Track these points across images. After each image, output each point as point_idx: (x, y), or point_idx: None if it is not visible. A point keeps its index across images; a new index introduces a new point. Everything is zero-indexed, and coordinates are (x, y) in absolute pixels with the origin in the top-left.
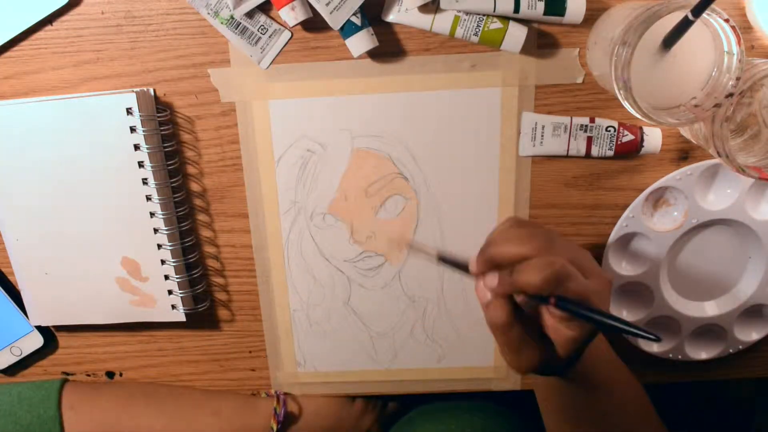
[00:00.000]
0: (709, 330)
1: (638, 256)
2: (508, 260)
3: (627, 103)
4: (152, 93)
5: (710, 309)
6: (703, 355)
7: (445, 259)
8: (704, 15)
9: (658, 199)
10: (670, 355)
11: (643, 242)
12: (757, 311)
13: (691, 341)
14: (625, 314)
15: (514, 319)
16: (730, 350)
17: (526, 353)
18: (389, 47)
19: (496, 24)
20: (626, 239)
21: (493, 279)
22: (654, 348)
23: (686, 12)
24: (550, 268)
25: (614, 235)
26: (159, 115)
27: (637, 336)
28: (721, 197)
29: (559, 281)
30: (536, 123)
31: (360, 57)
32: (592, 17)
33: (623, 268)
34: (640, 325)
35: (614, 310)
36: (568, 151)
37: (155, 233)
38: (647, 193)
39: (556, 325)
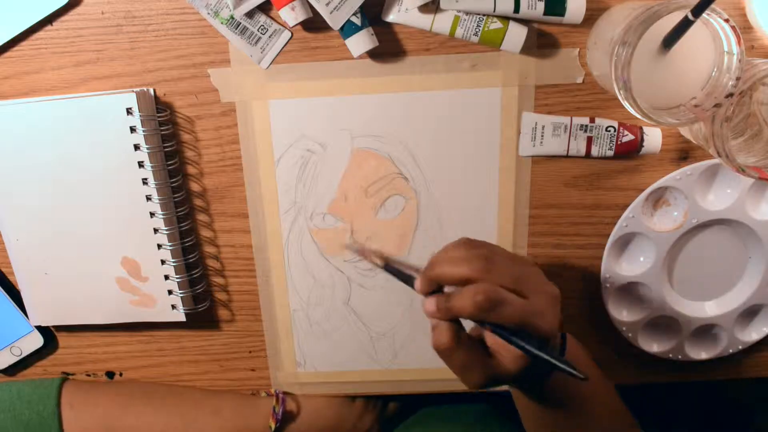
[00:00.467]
0: (709, 330)
1: (638, 256)
2: (448, 281)
3: (627, 103)
4: (152, 93)
5: (710, 309)
6: (703, 354)
7: (391, 269)
8: (704, 15)
9: (658, 199)
10: (670, 355)
11: (643, 242)
12: (757, 311)
13: (692, 341)
14: (625, 314)
15: (457, 343)
16: (730, 350)
17: (472, 373)
18: (389, 47)
19: (496, 24)
20: (626, 239)
21: (430, 304)
22: (654, 348)
23: (686, 12)
24: (482, 294)
25: (614, 235)
26: (159, 115)
27: (562, 371)
28: (721, 197)
29: (492, 307)
30: (536, 123)
31: (360, 57)
32: (592, 17)
33: (623, 268)
34: (555, 359)
35: (615, 311)
36: (568, 151)
37: (155, 233)
38: (647, 193)
39: (498, 343)
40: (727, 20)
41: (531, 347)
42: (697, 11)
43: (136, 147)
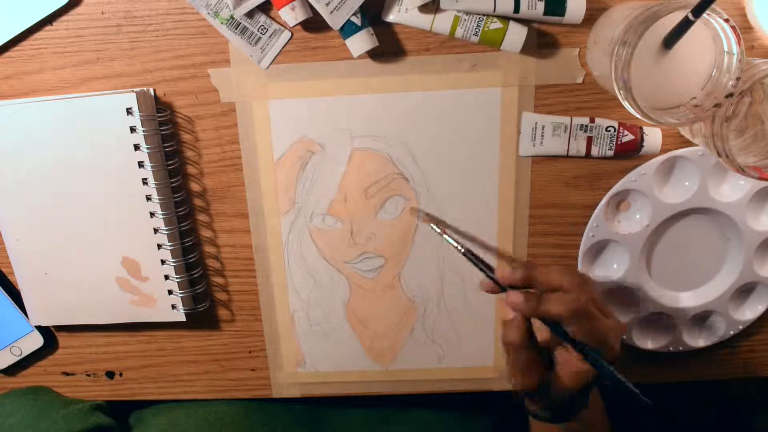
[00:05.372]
0: (705, 317)
1: (614, 262)
2: (543, 285)
3: (627, 103)
4: (152, 93)
5: (701, 296)
6: (701, 342)
7: (471, 254)
8: (704, 15)
9: (619, 204)
10: (670, 348)
11: (615, 248)
12: (749, 290)
13: (689, 331)
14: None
15: (527, 342)
16: (731, 332)
17: (529, 376)
18: (389, 47)
19: (496, 24)
20: (598, 248)
21: (518, 297)
22: (648, 345)
23: (686, 12)
24: (576, 303)
25: (583, 246)
26: (159, 115)
27: (629, 395)
28: (680, 190)
29: (581, 317)
30: (536, 123)
31: (360, 57)
32: (592, 17)
33: (600, 276)
34: (627, 382)
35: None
36: (568, 151)
37: (155, 233)
38: (605, 200)
39: (567, 358)
40: (727, 20)
41: (606, 366)
42: (698, 12)
43: (136, 147)
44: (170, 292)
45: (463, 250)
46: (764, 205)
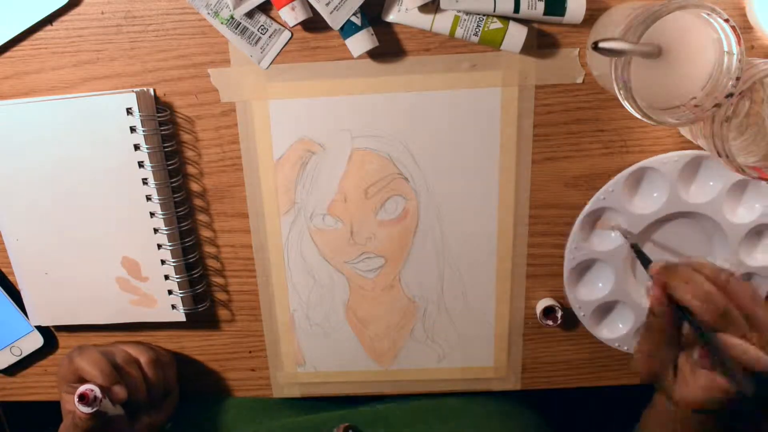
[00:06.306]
0: None
1: (599, 280)
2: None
3: (627, 103)
4: (152, 93)
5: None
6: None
7: (637, 249)
8: (704, 15)
9: (594, 221)
10: None
11: (600, 265)
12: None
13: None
14: (605, 332)
15: (670, 325)
16: None
17: (652, 360)
18: (389, 47)
19: (496, 24)
20: (583, 267)
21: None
22: None
23: (686, 12)
24: (713, 297)
25: (567, 269)
26: (159, 115)
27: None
28: (649, 200)
29: (721, 315)
30: None
31: (360, 57)
32: (592, 17)
33: (588, 294)
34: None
35: (596, 330)
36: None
37: (155, 233)
38: (579, 223)
39: (704, 371)
40: (727, 20)
41: (748, 382)
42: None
43: (136, 147)
44: (170, 292)
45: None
46: (740, 198)
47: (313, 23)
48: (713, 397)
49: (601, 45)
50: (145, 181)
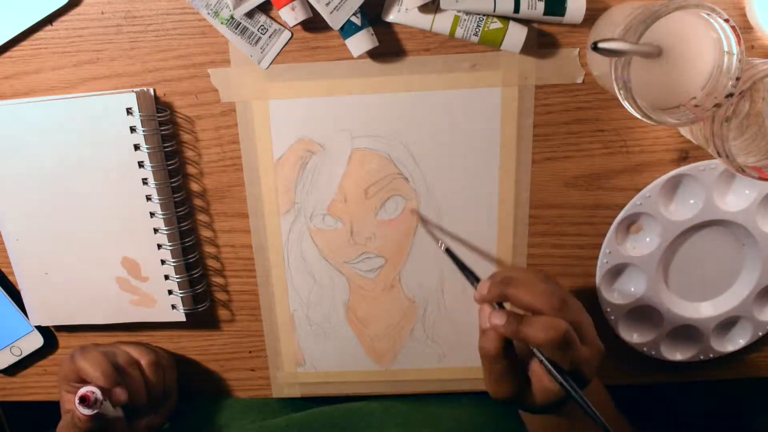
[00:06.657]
0: (731, 323)
1: (631, 284)
2: (520, 305)
3: (627, 103)
4: (152, 93)
5: (724, 304)
6: (730, 347)
7: (451, 254)
8: (704, 15)
9: (629, 226)
10: (701, 357)
11: (631, 270)
12: None
13: (717, 337)
14: (635, 337)
15: (503, 354)
16: (760, 333)
17: (503, 386)
18: (389, 47)
19: (496, 24)
20: (615, 272)
21: (501, 317)
22: (677, 356)
23: (686, 12)
24: (558, 332)
25: (599, 273)
26: (159, 115)
27: (596, 423)
28: (687, 207)
29: (562, 346)
30: None
31: (360, 57)
32: (592, 17)
33: (620, 297)
34: (595, 411)
35: (626, 334)
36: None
37: (155, 233)
38: (614, 227)
39: (540, 373)
40: (727, 20)
41: (578, 394)
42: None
43: (136, 147)
44: (170, 292)
45: (460, 262)
46: None
47: (313, 23)
48: (554, 399)
49: (601, 45)
50: (145, 181)
